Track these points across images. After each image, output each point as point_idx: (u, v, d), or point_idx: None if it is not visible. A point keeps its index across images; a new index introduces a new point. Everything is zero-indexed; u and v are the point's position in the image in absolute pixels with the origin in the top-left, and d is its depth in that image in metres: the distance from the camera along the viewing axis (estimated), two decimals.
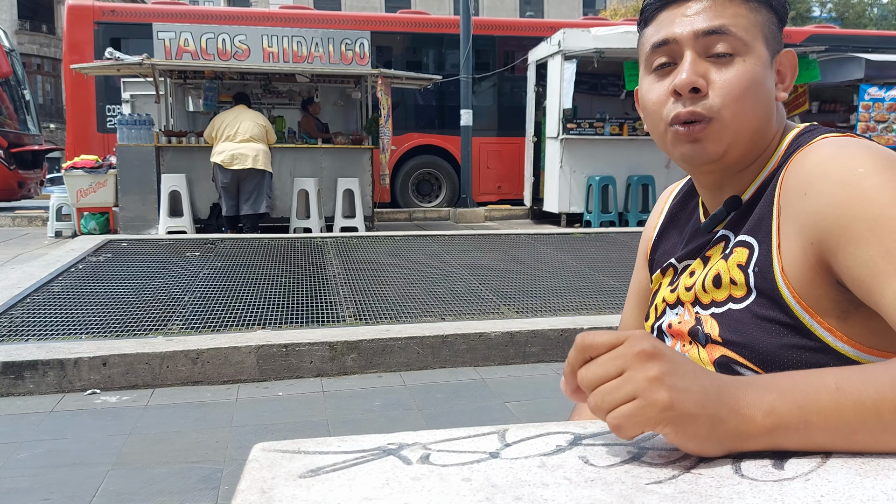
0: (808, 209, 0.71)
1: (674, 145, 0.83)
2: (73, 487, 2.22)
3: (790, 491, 0.48)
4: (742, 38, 0.78)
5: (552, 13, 26.99)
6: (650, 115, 0.85)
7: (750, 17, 0.79)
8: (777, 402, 0.56)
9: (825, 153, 0.73)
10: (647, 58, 0.85)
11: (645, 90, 0.86)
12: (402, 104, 10.80)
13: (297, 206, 7.74)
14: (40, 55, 26.21)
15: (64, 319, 3.73)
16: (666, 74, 0.82)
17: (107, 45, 8.55)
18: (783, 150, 0.82)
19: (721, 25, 0.78)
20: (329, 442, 0.58)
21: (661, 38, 0.82)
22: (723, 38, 0.78)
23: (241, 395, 3.13)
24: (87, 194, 7.55)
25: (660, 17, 0.83)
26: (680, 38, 0.80)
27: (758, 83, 0.79)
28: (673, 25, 0.81)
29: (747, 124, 0.79)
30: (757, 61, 0.79)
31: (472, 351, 3.54)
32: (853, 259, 0.67)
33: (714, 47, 0.79)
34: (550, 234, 7.21)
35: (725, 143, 0.80)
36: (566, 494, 0.48)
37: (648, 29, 0.85)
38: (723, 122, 0.79)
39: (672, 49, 0.81)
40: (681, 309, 0.88)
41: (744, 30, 0.79)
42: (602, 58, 8.31)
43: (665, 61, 0.82)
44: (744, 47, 0.79)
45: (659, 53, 0.82)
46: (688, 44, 0.80)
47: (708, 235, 0.87)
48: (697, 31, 0.79)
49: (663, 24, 0.82)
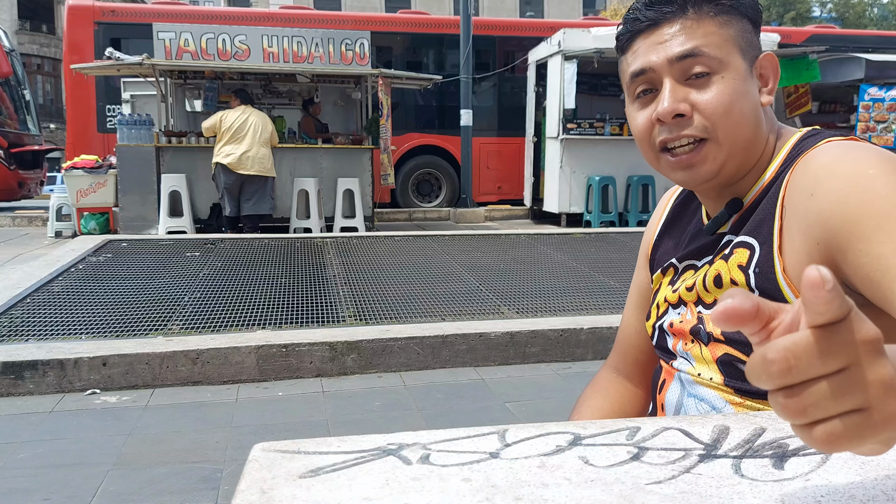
0: (815, 209, 0.71)
1: (669, 172, 0.85)
2: (73, 487, 2.22)
3: (790, 491, 0.48)
4: (716, 56, 0.79)
5: (552, 13, 26.99)
6: (639, 141, 0.86)
7: (721, 32, 0.80)
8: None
9: (832, 155, 0.74)
10: (628, 86, 0.86)
11: (631, 118, 0.87)
12: (402, 104, 10.80)
13: (297, 206, 7.74)
14: (40, 55, 26.21)
15: (64, 319, 3.73)
16: (649, 102, 0.84)
17: (107, 45, 8.54)
18: (784, 153, 0.82)
19: (693, 48, 0.79)
20: (329, 442, 0.58)
21: (639, 67, 0.83)
22: (698, 60, 0.79)
23: (241, 395, 3.13)
24: (87, 194, 7.55)
25: (634, 46, 0.84)
26: (655, 65, 0.81)
27: (741, 96, 0.80)
28: (648, 53, 0.82)
29: (739, 137, 0.80)
30: (735, 75, 0.79)
31: (472, 351, 3.54)
32: (863, 257, 0.66)
33: (691, 70, 0.80)
34: (550, 234, 7.21)
35: (720, 161, 0.81)
36: (566, 494, 0.48)
37: (626, 57, 0.86)
38: (716, 140, 0.80)
39: (650, 77, 0.82)
40: (683, 308, 0.89)
41: (717, 47, 0.79)
42: (602, 58, 8.31)
43: (646, 88, 0.83)
44: (720, 64, 0.79)
45: (638, 82, 0.84)
46: (664, 71, 0.81)
47: (710, 237, 0.88)
48: (671, 56, 0.80)
49: (639, 53, 0.83)
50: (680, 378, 0.88)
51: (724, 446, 0.57)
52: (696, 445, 0.57)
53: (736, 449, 0.56)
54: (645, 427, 0.61)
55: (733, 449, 0.56)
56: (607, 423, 0.63)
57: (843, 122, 9.87)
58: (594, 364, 3.56)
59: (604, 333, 3.67)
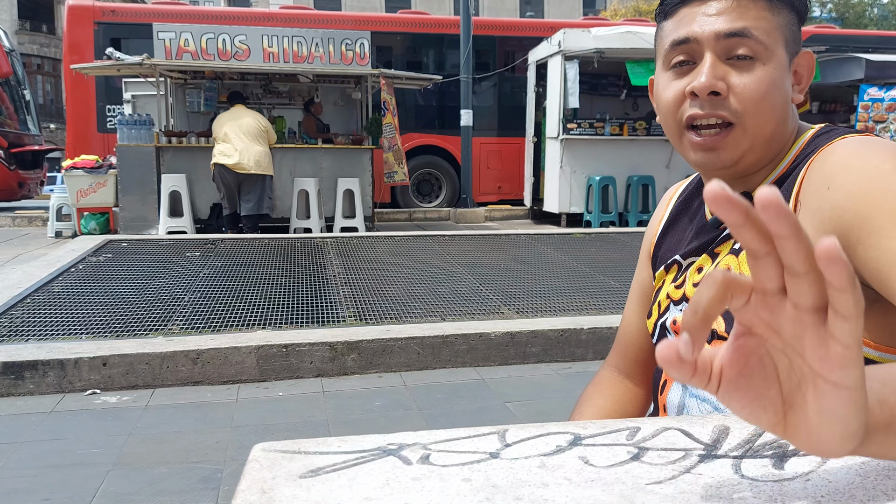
0: (830, 203, 0.71)
1: (689, 150, 0.82)
2: (73, 487, 2.22)
3: (790, 491, 0.48)
4: (763, 42, 0.77)
5: (552, 13, 26.99)
6: (665, 113, 0.84)
7: (772, 19, 0.78)
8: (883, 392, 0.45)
9: (849, 150, 0.73)
10: (665, 53, 0.83)
11: (661, 87, 0.84)
12: (403, 104, 10.79)
13: (298, 206, 7.75)
14: (40, 55, 26.21)
15: (64, 319, 3.73)
16: (684, 73, 0.81)
17: (107, 45, 8.55)
18: (799, 148, 0.81)
19: (743, 28, 0.77)
20: (329, 442, 0.58)
21: (682, 36, 0.80)
22: (744, 41, 0.77)
23: (241, 395, 3.13)
24: (87, 194, 7.55)
25: (680, 13, 0.81)
26: (701, 37, 0.78)
27: (777, 88, 0.78)
28: (693, 24, 0.79)
29: (765, 130, 0.79)
30: (777, 65, 0.78)
31: (472, 351, 3.54)
32: (874, 250, 0.66)
33: (735, 50, 0.77)
34: (550, 234, 7.21)
35: (742, 150, 0.79)
36: (566, 494, 0.48)
37: (667, 23, 0.83)
38: (744, 127, 0.78)
39: (692, 48, 0.80)
40: (685, 306, 0.88)
41: (765, 33, 0.77)
42: (602, 58, 8.31)
43: (683, 59, 0.81)
44: (765, 51, 0.77)
45: (678, 51, 0.81)
46: (708, 45, 0.78)
47: (715, 231, 0.86)
48: (719, 32, 0.77)
49: (684, 20, 0.80)
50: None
51: (725, 446, 0.57)
52: (696, 445, 0.57)
53: (736, 449, 0.56)
54: (645, 427, 0.61)
55: (733, 449, 0.56)
56: (607, 423, 0.63)
57: (842, 122, 9.86)
58: (594, 364, 3.56)
59: (604, 333, 3.67)
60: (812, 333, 0.39)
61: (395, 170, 8.25)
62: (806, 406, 0.41)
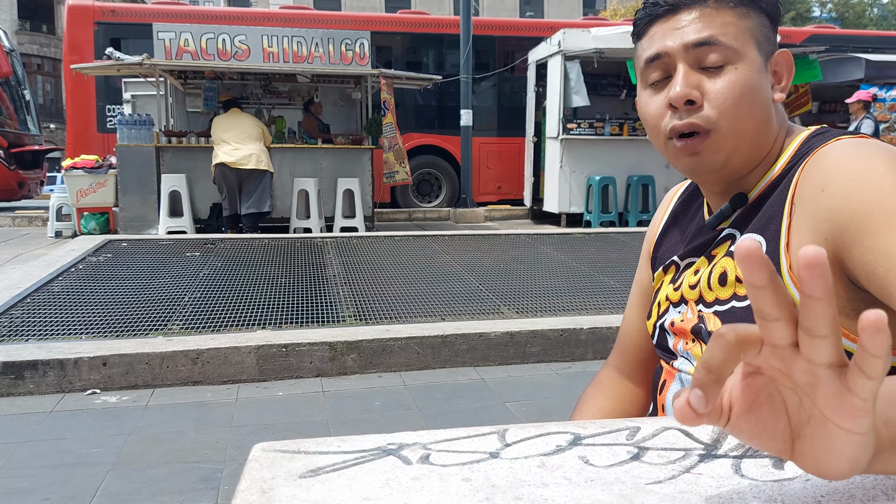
0: (824, 205, 0.71)
1: (675, 158, 0.84)
2: (73, 487, 2.22)
3: (790, 491, 0.48)
4: (732, 47, 0.79)
5: (552, 13, 27.00)
6: (651, 129, 0.86)
7: (739, 23, 0.80)
8: (888, 411, 0.45)
9: (843, 152, 0.73)
10: (642, 72, 0.86)
11: (643, 104, 0.87)
12: (402, 104, 10.79)
13: (297, 206, 7.75)
14: (40, 55, 26.21)
15: (64, 319, 3.73)
16: (661, 88, 0.83)
17: (107, 45, 8.55)
18: (792, 150, 0.82)
19: (710, 36, 0.79)
20: (329, 442, 0.58)
21: (654, 52, 0.83)
22: (714, 49, 0.79)
23: (241, 395, 3.14)
24: (87, 194, 7.55)
25: (651, 31, 0.84)
26: (671, 51, 0.81)
27: (752, 89, 0.79)
28: (664, 39, 0.82)
29: (746, 131, 0.80)
30: (750, 67, 0.79)
31: (472, 351, 3.54)
32: (869, 252, 0.66)
33: (706, 58, 0.80)
34: (550, 234, 7.21)
35: (725, 153, 0.81)
36: (566, 494, 0.48)
37: (642, 42, 0.86)
38: (721, 132, 0.79)
39: (665, 62, 0.82)
40: (684, 307, 0.88)
41: (734, 38, 0.79)
42: (602, 58, 8.31)
43: (660, 75, 0.83)
44: (735, 55, 0.79)
45: (653, 68, 0.83)
46: (679, 56, 0.80)
47: (713, 233, 0.87)
48: (687, 43, 0.80)
49: (655, 38, 0.83)
50: (681, 378, 0.88)
51: (725, 446, 0.57)
52: (696, 445, 0.57)
53: (736, 449, 0.56)
54: (645, 427, 0.61)
55: (733, 449, 0.56)
56: (607, 423, 0.63)
57: (843, 122, 9.86)
58: (594, 364, 3.56)
59: (604, 333, 3.67)
60: (827, 385, 0.39)
61: (396, 169, 8.25)
62: (814, 439, 0.42)
